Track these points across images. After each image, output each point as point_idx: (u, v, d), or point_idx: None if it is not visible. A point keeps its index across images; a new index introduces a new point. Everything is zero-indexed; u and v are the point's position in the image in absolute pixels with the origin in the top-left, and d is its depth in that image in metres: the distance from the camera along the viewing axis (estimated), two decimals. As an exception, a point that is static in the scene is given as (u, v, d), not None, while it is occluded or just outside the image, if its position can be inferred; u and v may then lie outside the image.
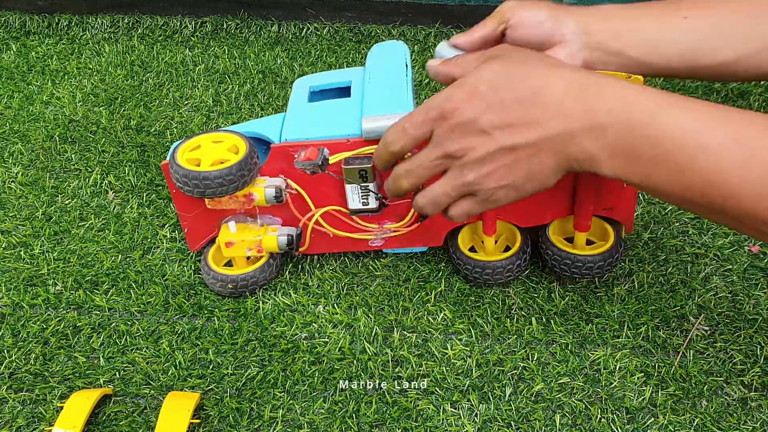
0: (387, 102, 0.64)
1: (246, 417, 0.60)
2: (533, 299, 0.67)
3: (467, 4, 1.02)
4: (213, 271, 0.67)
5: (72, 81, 0.96)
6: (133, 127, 0.88)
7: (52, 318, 0.68)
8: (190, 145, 0.65)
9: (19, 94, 0.94)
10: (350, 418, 0.59)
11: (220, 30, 1.05)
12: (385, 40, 0.71)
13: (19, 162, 0.85)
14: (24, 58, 1.00)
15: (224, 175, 0.61)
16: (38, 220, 0.77)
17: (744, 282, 0.68)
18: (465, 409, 0.59)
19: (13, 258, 0.73)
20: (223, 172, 0.61)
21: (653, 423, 0.57)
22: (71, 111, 0.91)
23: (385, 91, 0.65)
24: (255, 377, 0.62)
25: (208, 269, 0.68)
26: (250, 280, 0.67)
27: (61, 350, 0.65)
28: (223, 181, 0.61)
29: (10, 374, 0.63)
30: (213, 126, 0.88)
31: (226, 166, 0.61)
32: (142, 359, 0.64)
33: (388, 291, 0.69)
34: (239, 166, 0.62)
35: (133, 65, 0.98)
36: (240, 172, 0.62)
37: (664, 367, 0.61)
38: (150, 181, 0.81)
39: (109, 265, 0.72)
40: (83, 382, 0.62)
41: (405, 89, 0.65)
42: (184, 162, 0.63)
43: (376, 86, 0.66)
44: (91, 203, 0.79)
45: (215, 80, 0.96)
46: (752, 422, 0.57)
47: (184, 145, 0.65)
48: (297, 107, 0.69)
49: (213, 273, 0.67)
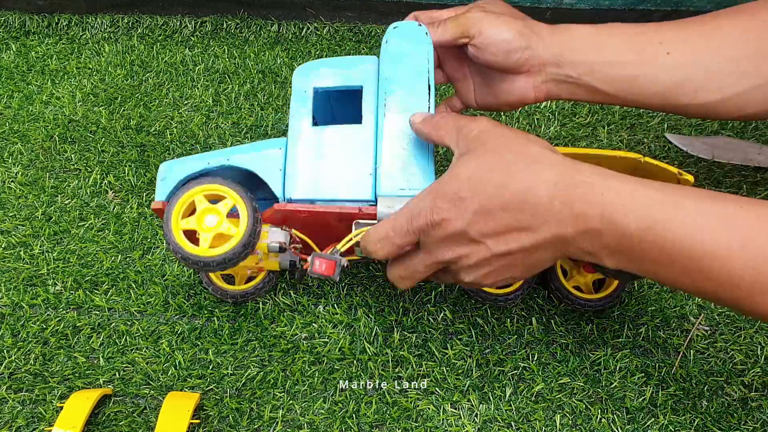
0: (407, 165, 0.55)
1: (246, 417, 0.60)
2: (533, 299, 0.67)
3: (467, 4, 1.02)
4: (213, 285, 0.67)
5: (72, 81, 0.96)
6: (132, 127, 0.88)
7: (52, 318, 0.67)
8: (184, 206, 0.58)
9: (19, 93, 0.94)
10: (350, 418, 0.59)
11: (220, 30, 1.05)
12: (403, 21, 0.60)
13: (18, 162, 0.85)
14: (23, 58, 1.00)
15: (227, 258, 0.56)
16: (38, 220, 0.77)
17: (744, 282, 0.68)
18: (465, 409, 0.59)
19: (12, 258, 0.73)
20: (227, 255, 0.56)
21: (653, 423, 0.57)
22: (71, 111, 0.91)
23: (403, 140, 0.56)
24: (255, 377, 0.62)
25: (209, 281, 0.67)
26: (249, 295, 0.67)
27: (60, 350, 0.65)
28: (226, 262, 0.56)
29: (9, 374, 0.63)
30: (213, 126, 0.88)
31: (229, 249, 0.56)
32: (142, 359, 0.64)
33: (389, 291, 0.69)
34: (242, 246, 0.56)
35: (133, 65, 0.98)
36: (244, 251, 0.56)
37: (664, 368, 0.61)
38: (150, 180, 0.81)
39: (108, 265, 0.72)
40: (83, 383, 0.62)
41: (427, 155, 0.56)
42: (181, 239, 0.56)
43: (394, 122, 0.56)
44: (90, 203, 0.79)
45: (215, 80, 0.95)
46: (752, 422, 0.57)
47: (177, 208, 0.57)
48: (299, 132, 0.59)
49: (213, 286, 0.67)
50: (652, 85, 0.58)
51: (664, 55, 0.57)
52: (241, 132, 0.87)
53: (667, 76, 0.58)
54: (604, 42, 0.58)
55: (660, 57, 0.57)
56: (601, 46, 0.58)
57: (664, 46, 0.58)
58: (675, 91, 0.58)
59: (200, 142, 0.86)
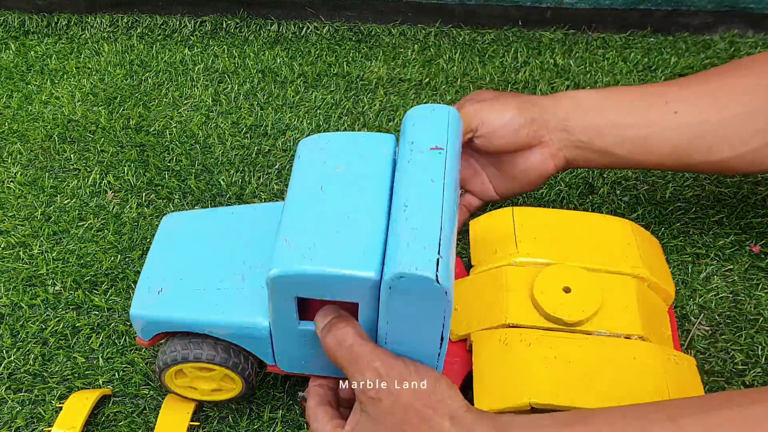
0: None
1: (246, 417, 0.59)
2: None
3: (467, 4, 1.02)
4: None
5: (71, 80, 0.96)
6: (132, 127, 0.88)
7: (51, 318, 0.67)
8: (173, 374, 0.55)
9: (18, 93, 0.94)
10: (350, 418, 0.59)
11: (220, 29, 1.04)
12: (421, 105, 0.51)
13: (17, 162, 0.84)
14: (23, 58, 1.00)
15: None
16: (37, 220, 0.77)
17: (745, 282, 0.68)
18: (465, 410, 0.59)
19: (11, 258, 0.73)
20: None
21: (654, 423, 0.57)
22: (70, 110, 0.91)
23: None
24: (255, 378, 0.62)
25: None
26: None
27: (60, 350, 0.65)
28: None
29: (9, 374, 0.63)
30: (212, 126, 0.88)
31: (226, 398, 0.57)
32: (142, 360, 0.64)
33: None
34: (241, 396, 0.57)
35: (133, 65, 0.98)
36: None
37: (665, 368, 0.61)
38: (149, 180, 0.81)
39: (108, 265, 0.72)
40: (82, 383, 0.62)
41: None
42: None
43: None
44: (90, 203, 0.79)
45: (215, 79, 0.95)
46: (753, 423, 0.57)
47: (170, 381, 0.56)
48: (284, 329, 0.50)
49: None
50: (663, 145, 0.58)
51: (672, 114, 0.57)
52: (241, 132, 0.87)
53: (678, 135, 0.57)
54: (608, 105, 0.58)
55: (668, 116, 0.57)
56: (605, 109, 0.58)
57: (670, 105, 0.57)
58: (687, 149, 0.58)
59: (200, 141, 0.86)
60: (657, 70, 0.95)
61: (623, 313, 0.53)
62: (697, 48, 0.99)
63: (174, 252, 0.56)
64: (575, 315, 0.53)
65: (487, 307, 0.55)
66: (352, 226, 0.46)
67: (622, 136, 0.58)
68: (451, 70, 0.96)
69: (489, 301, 0.55)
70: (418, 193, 0.45)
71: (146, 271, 0.55)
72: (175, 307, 0.52)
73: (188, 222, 0.59)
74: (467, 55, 0.99)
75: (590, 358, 0.51)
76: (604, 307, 0.53)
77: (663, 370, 0.51)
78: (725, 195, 0.77)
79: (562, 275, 0.54)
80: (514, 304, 0.54)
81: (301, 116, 0.89)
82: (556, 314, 0.53)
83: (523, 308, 0.54)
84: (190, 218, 0.59)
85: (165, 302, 0.52)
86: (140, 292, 0.53)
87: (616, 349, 0.52)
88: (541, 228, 0.59)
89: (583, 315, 0.53)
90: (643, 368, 0.51)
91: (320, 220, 0.47)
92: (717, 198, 0.77)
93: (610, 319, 0.53)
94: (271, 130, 0.87)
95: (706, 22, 1.01)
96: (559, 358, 0.51)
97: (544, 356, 0.51)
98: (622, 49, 0.99)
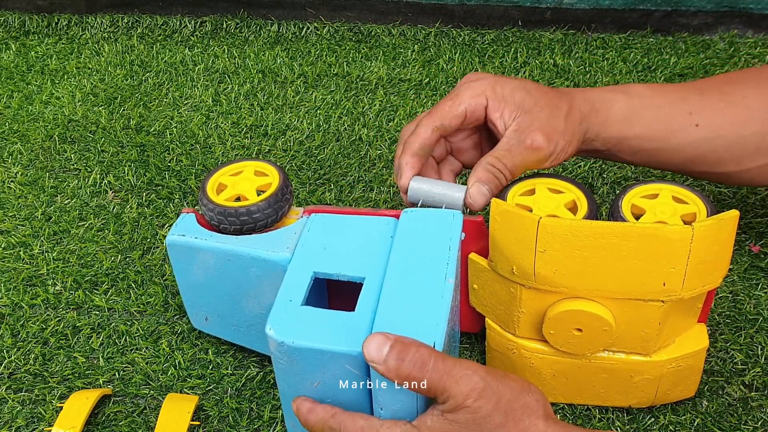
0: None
1: (246, 417, 0.59)
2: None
3: (467, 4, 1.02)
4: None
5: (71, 81, 0.96)
6: (132, 127, 0.88)
7: (52, 318, 0.67)
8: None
9: (19, 93, 0.94)
10: (350, 418, 0.59)
11: (220, 29, 1.05)
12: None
13: (18, 162, 0.85)
14: (23, 58, 1.00)
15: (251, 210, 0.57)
16: (37, 220, 0.77)
17: (744, 282, 0.68)
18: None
19: (12, 258, 0.73)
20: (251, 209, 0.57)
21: (653, 423, 0.57)
22: (70, 111, 0.91)
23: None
24: (255, 377, 0.62)
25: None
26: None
27: (60, 350, 0.65)
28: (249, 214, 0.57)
29: (9, 374, 0.63)
30: (212, 126, 0.88)
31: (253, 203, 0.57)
32: (142, 359, 0.64)
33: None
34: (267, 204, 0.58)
35: (133, 65, 0.98)
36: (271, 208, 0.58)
37: (664, 368, 0.61)
38: (149, 180, 0.81)
39: (108, 265, 0.72)
40: (83, 383, 0.62)
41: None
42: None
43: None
44: (90, 203, 0.79)
45: (215, 80, 0.95)
46: (753, 422, 0.57)
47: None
48: (287, 310, 0.49)
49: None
50: (676, 156, 0.59)
51: (693, 127, 0.58)
52: (241, 132, 0.87)
53: (693, 149, 0.59)
54: (636, 115, 0.58)
55: (689, 129, 0.58)
56: (632, 120, 0.58)
57: (693, 117, 0.58)
58: (697, 161, 0.59)
59: (200, 142, 0.86)
60: (657, 71, 0.95)
61: (635, 340, 0.53)
62: (696, 48, 0.99)
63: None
64: (583, 350, 0.54)
65: (503, 307, 0.56)
66: None
67: (639, 147, 0.59)
68: (451, 71, 0.96)
69: (504, 300, 0.55)
70: None
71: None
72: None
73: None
74: (467, 56, 0.99)
75: (589, 375, 0.56)
76: (617, 338, 0.53)
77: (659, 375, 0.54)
78: (725, 195, 0.77)
79: (575, 318, 0.51)
80: (525, 325, 0.55)
81: (301, 116, 0.89)
82: (563, 349, 0.54)
83: (533, 331, 0.55)
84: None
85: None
86: None
87: (614, 366, 0.55)
88: (567, 247, 0.49)
89: (590, 351, 0.54)
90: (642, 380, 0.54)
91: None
92: (716, 198, 0.77)
93: (618, 345, 0.54)
94: (271, 131, 0.87)
95: (705, 22, 1.01)
96: (558, 375, 0.56)
97: (545, 373, 0.56)
98: (622, 50, 0.99)
